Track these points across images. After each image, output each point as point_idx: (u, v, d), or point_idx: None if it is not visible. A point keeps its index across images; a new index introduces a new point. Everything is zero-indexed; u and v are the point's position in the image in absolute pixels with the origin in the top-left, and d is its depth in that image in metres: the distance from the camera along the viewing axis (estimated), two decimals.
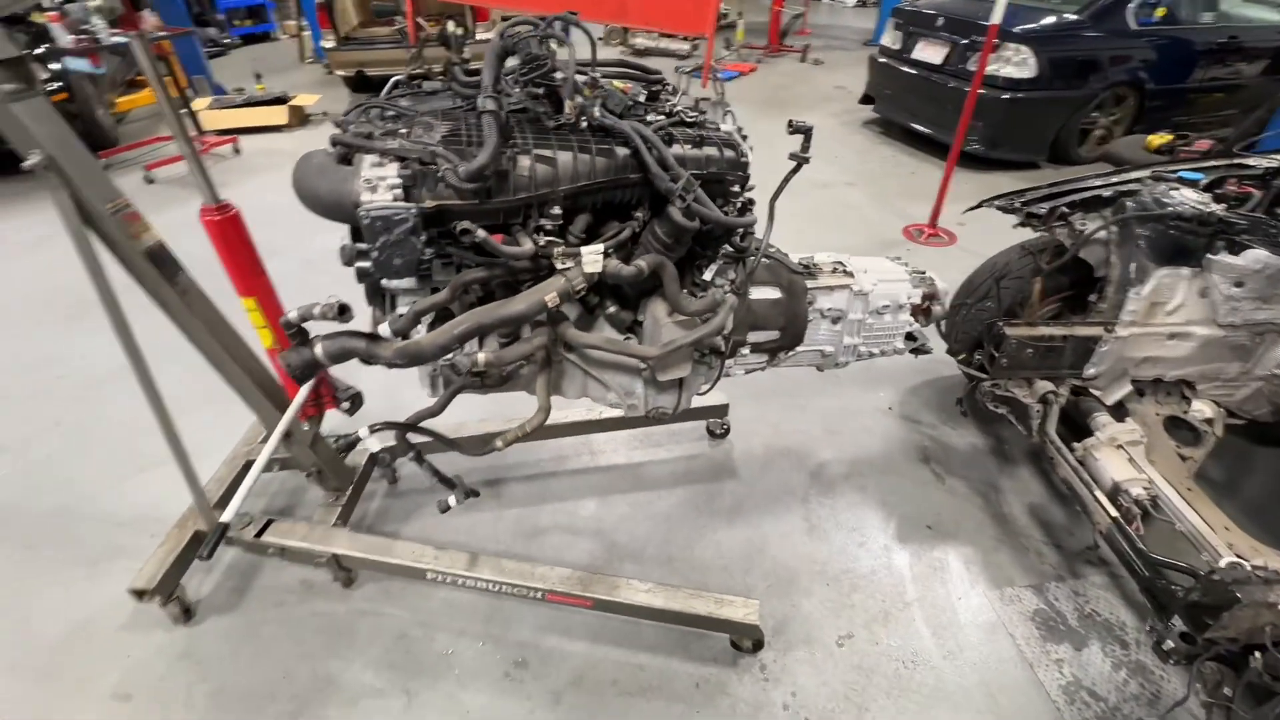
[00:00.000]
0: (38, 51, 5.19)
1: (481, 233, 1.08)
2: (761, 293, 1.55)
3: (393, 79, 1.36)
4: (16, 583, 2.07)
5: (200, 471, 2.20)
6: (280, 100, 6.50)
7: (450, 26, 1.20)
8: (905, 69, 5.69)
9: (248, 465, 2.28)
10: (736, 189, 1.28)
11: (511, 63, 1.20)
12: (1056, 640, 1.90)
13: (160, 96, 1.38)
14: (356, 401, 1.93)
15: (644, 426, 2.61)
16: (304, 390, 1.80)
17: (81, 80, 5.42)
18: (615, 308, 1.36)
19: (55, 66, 5.18)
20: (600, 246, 1.17)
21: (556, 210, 1.15)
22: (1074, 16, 4.95)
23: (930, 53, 5.42)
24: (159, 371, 1.60)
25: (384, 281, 1.17)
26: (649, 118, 1.25)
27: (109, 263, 1.50)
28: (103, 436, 2.66)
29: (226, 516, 1.42)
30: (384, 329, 1.17)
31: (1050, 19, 4.99)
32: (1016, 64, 4.85)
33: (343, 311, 1.14)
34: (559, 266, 1.17)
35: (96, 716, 1.72)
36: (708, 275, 1.37)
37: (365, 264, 1.07)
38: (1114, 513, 1.80)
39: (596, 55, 1.23)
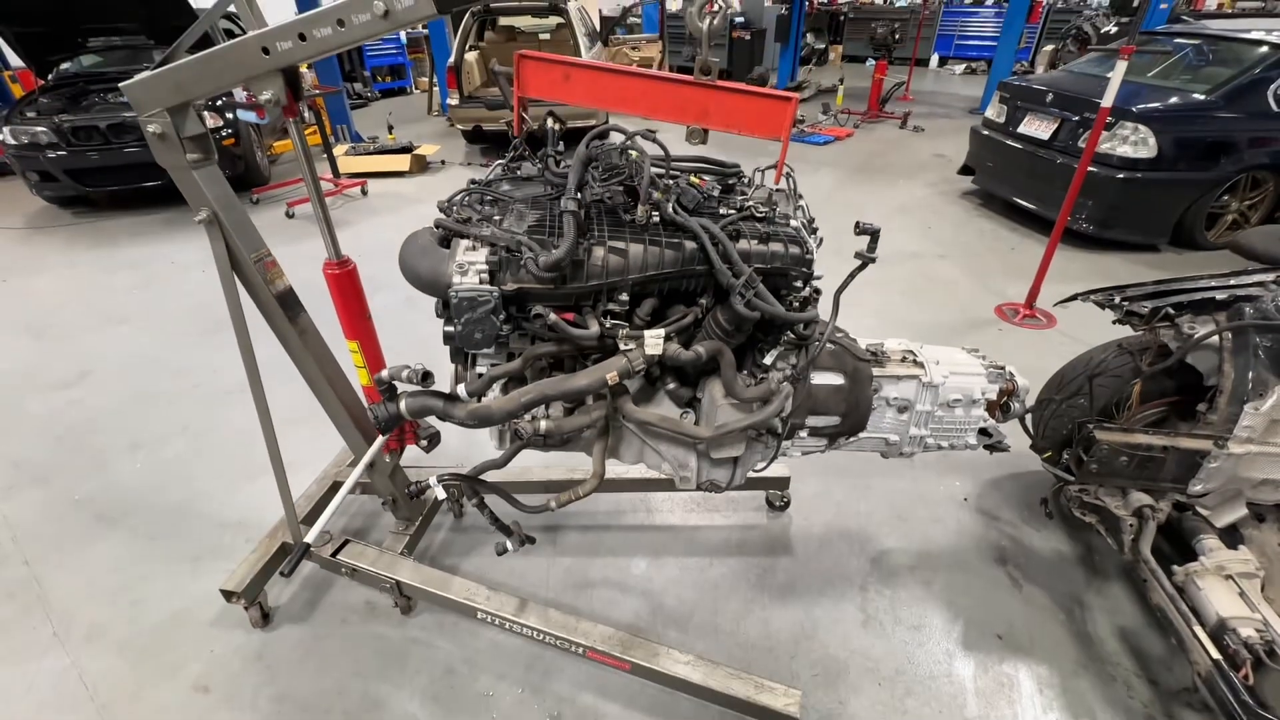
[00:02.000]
0: (219, 103, 6.15)
1: (553, 316, 1.18)
2: (824, 378, 1.56)
3: (495, 163, 1.53)
4: (135, 568, 2.35)
5: (297, 481, 2.45)
6: (406, 149, 7.24)
7: (549, 123, 1.34)
8: (1010, 143, 5.53)
9: (335, 485, 2.50)
10: (799, 283, 1.33)
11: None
12: None
13: (305, 173, 1.62)
14: (434, 441, 2.08)
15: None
16: None
17: (248, 128, 6.32)
18: (675, 384, 1.42)
19: (229, 116, 6.09)
20: (662, 331, 1.25)
21: (624, 296, 1.24)
22: (1202, 97, 4.65)
23: (1037, 128, 5.26)
24: (277, 390, 1.82)
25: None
26: (721, 211, 1.34)
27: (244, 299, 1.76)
28: (222, 444, 3.00)
29: (309, 538, 1.58)
30: (461, 389, 1.29)
31: (1174, 99, 4.73)
32: (1134, 143, 4.60)
33: (425, 377, 1.28)
34: (622, 347, 1.25)
35: (178, 704, 1.90)
36: (768, 360, 1.40)
37: (450, 329, 1.21)
38: (1216, 654, 1.61)
39: (670, 155, 1.32)
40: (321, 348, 1.94)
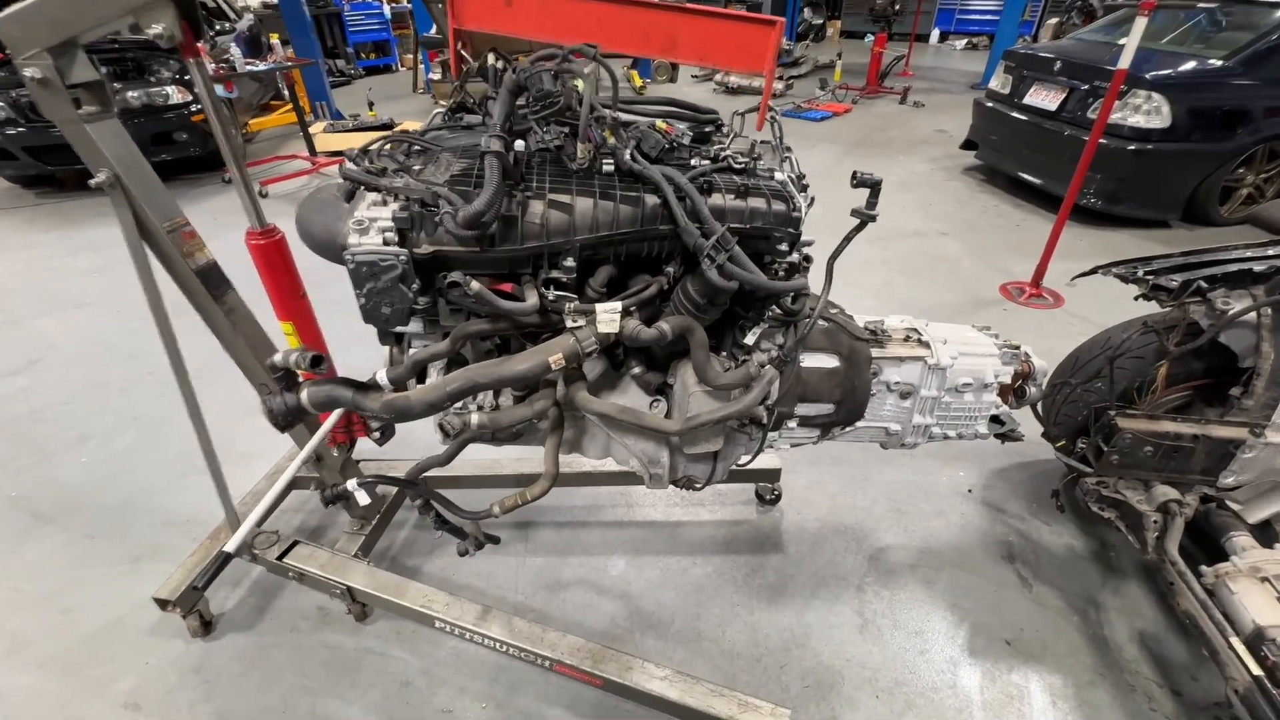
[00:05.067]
0: (186, 76, 5.85)
1: (476, 284, 0.97)
2: (816, 360, 1.36)
3: (434, 112, 1.32)
4: (69, 572, 2.16)
5: (251, 474, 2.26)
6: (386, 127, 6.94)
7: (490, 59, 1.14)
8: (1015, 114, 5.28)
9: (290, 483, 2.31)
10: (785, 247, 1.12)
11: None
12: None
13: (215, 126, 1.41)
14: (388, 431, 1.88)
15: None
16: (333, 416, 1.77)
17: (219, 103, 6.03)
18: (640, 369, 1.21)
19: (198, 90, 5.80)
20: (618, 304, 1.04)
21: (570, 262, 1.03)
22: (1219, 63, 4.41)
23: (1044, 98, 5.01)
24: (235, 375, 1.67)
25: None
26: (692, 162, 1.12)
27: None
28: (174, 435, 2.80)
29: (230, 546, 1.38)
30: (381, 376, 1.09)
31: (1190, 64, 4.48)
32: (1147, 113, 4.36)
33: (315, 363, 1.07)
34: (569, 325, 1.04)
35: None
36: (749, 339, 1.20)
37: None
38: (1256, 669, 1.43)
39: (618, 90, 1.11)
40: (254, 330, 1.74)
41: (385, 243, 0.96)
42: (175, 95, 5.68)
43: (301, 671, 1.85)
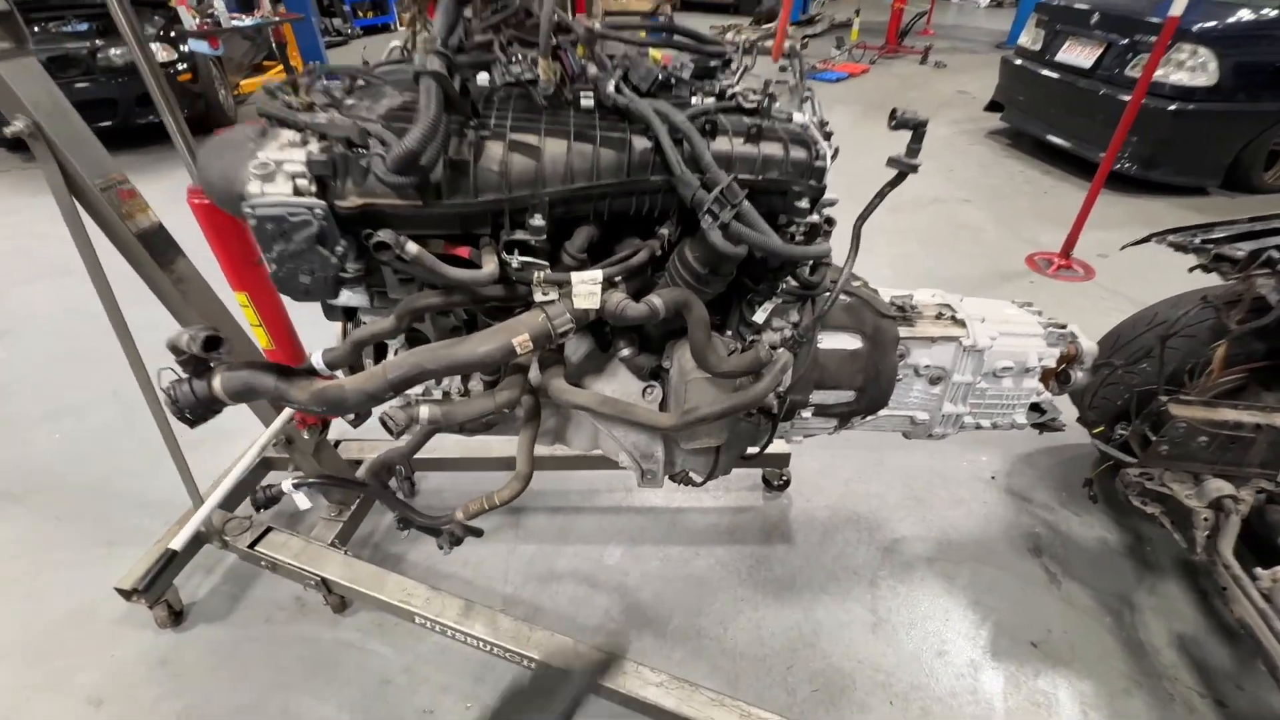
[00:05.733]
0: (171, 34, 5.59)
1: (413, 246, 0.79)
2: (835, 340, 1.18)
3: (391, 44, 1.12)
4: (38, 555, 2.05)
5: (231, 453, 2.13)
6: None
7: None
8: (1045, 73, 4.95)
9: (264, 462, 2.17)
10: (805, 204, 0.92)
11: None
12: None
13: (139, 61, 1.22)
14: (364, 412, 1.73)
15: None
16: None
17: (207, 62, 5.76)
18: (630, 351, 1.04)
19: (185, 48, 5.53)
20: (599, 274, 0.86)
21: (538, 220, 0.84)
22: (1274, 13, 4.05)
23: (1079, 54, 4.67)
24: None
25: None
26: (693, 99, 0.93)
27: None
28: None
29: (176, 544, 1.24)
30: (316, 359, 0.92)
31: (1243, 14, 4.12)
32: (1191, 69, 4.04)
33: (210, 345, 0.88)
34: (538, 298, 0.86)
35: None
36: (759, 316, 1.02)
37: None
38: None
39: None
40: (209, 300, 1.58)
41: (297, 191, 0.77)
42: (160, 54, 5.42)
43: (276, 667, 1.74)
